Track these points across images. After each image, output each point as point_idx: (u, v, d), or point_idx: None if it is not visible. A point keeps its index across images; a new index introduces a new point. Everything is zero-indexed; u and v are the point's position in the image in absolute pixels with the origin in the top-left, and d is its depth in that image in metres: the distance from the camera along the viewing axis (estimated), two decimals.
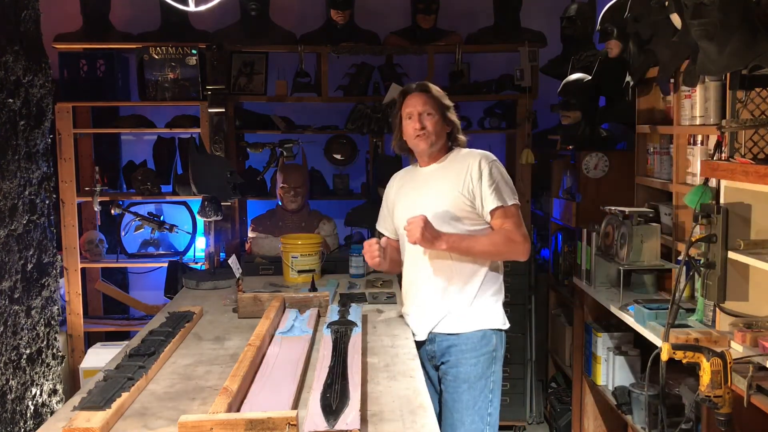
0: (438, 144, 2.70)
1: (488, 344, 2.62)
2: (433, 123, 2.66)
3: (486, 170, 2.61)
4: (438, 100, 2.71)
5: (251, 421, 1.64)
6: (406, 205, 2.74)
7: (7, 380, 2.93)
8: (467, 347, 2.60)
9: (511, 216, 2.61)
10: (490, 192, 2.59)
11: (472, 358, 2.60)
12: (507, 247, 2.59)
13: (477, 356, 2.60)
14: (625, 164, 3.66)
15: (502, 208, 2.59)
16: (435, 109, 2.68)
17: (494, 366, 2.64)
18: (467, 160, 2.66)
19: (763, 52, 2.14)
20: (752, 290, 2.50)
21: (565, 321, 4.16)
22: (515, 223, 2.61)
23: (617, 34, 3.33)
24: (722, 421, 2.19)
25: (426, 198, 2.68)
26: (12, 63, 3.02)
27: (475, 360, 2.60)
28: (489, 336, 2.63)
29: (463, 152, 2.73)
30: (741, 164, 2.35)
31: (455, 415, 2.60)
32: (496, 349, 2.64)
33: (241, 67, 4.47)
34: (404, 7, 4.74)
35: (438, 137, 2.68)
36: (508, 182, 2.66)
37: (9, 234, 2.97)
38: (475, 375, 2.59)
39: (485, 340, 2.62)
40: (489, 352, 2.62)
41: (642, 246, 3.06)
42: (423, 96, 2.70)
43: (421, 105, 2.68)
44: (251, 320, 2.76)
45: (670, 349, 2.26)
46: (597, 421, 3.77)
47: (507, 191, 2.62)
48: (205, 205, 3.66)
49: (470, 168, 2.63)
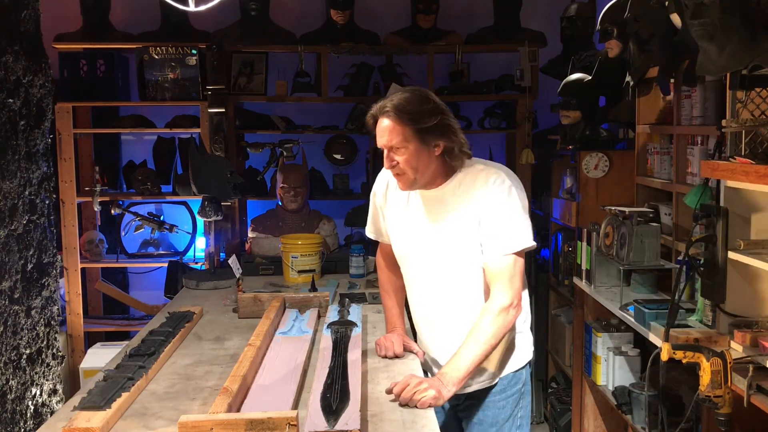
0: (429, 177, 2.13)
1: (518, 383, 2.29)
2: (406, 158, 2.06)
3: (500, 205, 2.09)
4: (409, 122, 2.04)
5: (251, 421, 1.64)
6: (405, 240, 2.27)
7: (7, 380, 2.93)
8: (495, 390, 2.27)
9: (501, 271, 2.08)
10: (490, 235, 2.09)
11: (501, 401, 2.27)
12: (501, 328, 2.07)
13: (506, 398, 2.27)
14: (625, 164, 3.66)
15: (495, 259, 2.09)
16: (405, 138, 2.04)
17: (522, 401, 2.31)
18: (477, 188, 2.12)
19: (763, 52, 2.14)
20: (752, 290, 2.50)
21: (565, 321, 4.16)
22: (503, 282, 2.07)
23: (617, 34, 3.33)
24: (722, 421, 2.19)
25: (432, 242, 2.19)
26: (12, 63, 3.02)
27: (503, 402, 2.27)
28: (519, 375, 2.29)
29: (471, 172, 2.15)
30: (741, 164, 2.35)
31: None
32: (525, 384, 2.32)
33: (241, 67, 4.47)
34: (404, 7, 4.74)
35: (421, 172, 2.09)
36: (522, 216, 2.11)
37: (9, 234, 2.97)
38: (503, 418, 2.27)
39: (515, 380, 2.28)
40: (518, 391, 2.29)
41: (642, 246, 3.06)
42: (389, 123, 2.06)
43: (386, 136, 2.07)
44: (251, 320, 2.76)
45: (670, 349, 2.25)
46: (597, 421, 3.77)
47: (512, 231, 2.08)
48: (205, 205, 3.66)
49: (481, 204, 2.10)
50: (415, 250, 2.24)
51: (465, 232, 2.13)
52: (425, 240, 2.20)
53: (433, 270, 2.22)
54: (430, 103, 2.08)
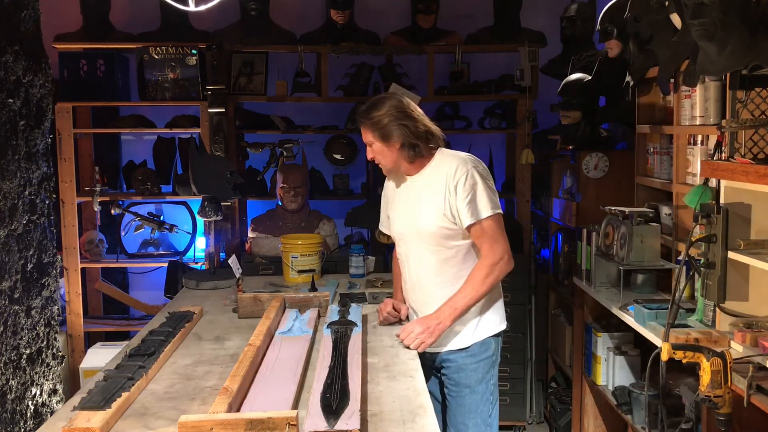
0: (395, 165, 2.63)
1: (487, 350, 2.66)
2: (377, 152, 2.60)
3: (461, 182, 2.51)
4: (371, 127, 2.56)
5: (251, 421, 1.64)
6: (397, 220, 2.73)
7: (7, 380, 2.93)
8: (468, 354, 2.64)
9: (485, 232, 2.53)
10: (465, 206, 2.50)
11: (473, 364, 2.63)
12: (493, 276, 2.54)
13: (477, 362, 2.64)
14: (625, 164, 3.66)
15: (477, 224, 2.52)
16: (372, 137, 2.57)
17: (492, 370, 2.69)
18: (444, 171, 2.56)
19: (763, 52, 2.14)
20: (752, 290, 2.50)
21: (565, 321, 4.16)
22: (490, 242, 2.53)
23: (617, 34, 3.33)
24: (722, 421, 2.19)
25: (416, 216, 2.63)
26: (12, 63, 3.02)
27: (475, 365, 2.63)
28: (488, 343, 2.66)
29: (443, 158, 2.62)
30: (741, 164, 2.35)
31: (458, 418, 2.65)
32: (494, 354, 2.68)
33: (241, 67, 4.47)
34: (404, 7, 4.74)
35: (388, 161, 2.61)
36: (485, 190, 2.53)
37: (9, 234, 2.97)
38: (476, 380, 2.63)
39: (485, 347, 2.65)
40: (488, 358, 2.66)
41: (642, 246, 3.06)
42: (363, 126, 2.61)
43: (364, 136, 2.62)
44: (251, 320, 2.76)
45: (670, 349, 2.25)
46: (597, 421, 3.78)
47: (482, 202, 2.52)
48: (205, 205, 3.66)
49: (447, 182, 2.54)
50: (404, 227, 2.68)
51: (438, 208, 2.56)
52: (410, 217, 2.65)
53: (418, 242, 2.63)
54: (383, 109, 2.56)
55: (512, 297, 4.08)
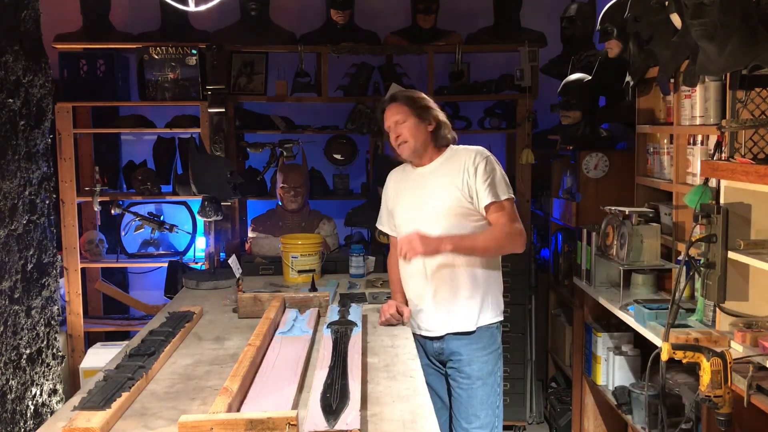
0: (423, 146, 2.75)
1: (495, 342, 2.78)
2: (407, 129, 2.72)
3: (481, 165, 2.67)
4: (409, 103, 2.74)
5: (251, 421, 1.64)
6: (406, 206, 2.80)
7: (7, 380, 2.93)
8: (479, 345, 2.73)
9: (505, 210, 2.68)
10: (485, 187, 2.65)
11: (483, 356, 2.74)
12: (506, 241, 2.67)
13: (487, 354, 2.74)
14: (625, 164, 3.66)
15: (496, 203, 2.66)
16: (406, 114, 2.72)
17: (500, 362, 2.81)
18: (462, 157, 2.72)
19: (763, 52, 2.14)
20: (752, 290, 2.50)
21: (565, 321, 4.16)
22: (510, 218, 2.68)
23: (617, 34, 3.33)
24: (722, 421, 2.19)
25: (427, 199, 2.73)
26: (12, 63, 3.02)
27: (486, 358, 2.74)
28: (495, 335, 2.78)
29: (457, 149, 2.79)
30: (741, 164, 2.35)
31: (470, 410, 2.74)
32: (499, 346, 2.81)
33: (241, 67, 4.47)
34: (404, 7, 4.74)
35: (418, 140, 2.73)
36: (503, 177, 2.72)
37: (9, 234, 2.97)
38: (487, 371, 2.74)
39: (492, 338, 2.76)
40: (495, 350, 2.78)
41: (642, 246, 3.06)
42: (392, 106, 2.76)
43: (392, 116, 2.75)
44: (251, 320, 2.76)
45: (670, 349, 2.26)
46: (597, 421, 3.78)
47: (501, 186, 2.69)
48: (205, 205, 3.66)
49: (466, 164, 2.69)
50: (415, 210, 2.74)
51: (455, 186, 2.67)
52: (421, 200, 2.73)
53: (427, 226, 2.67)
54: (422, 96, 2.80)
55: (512, 297, 4.08)
